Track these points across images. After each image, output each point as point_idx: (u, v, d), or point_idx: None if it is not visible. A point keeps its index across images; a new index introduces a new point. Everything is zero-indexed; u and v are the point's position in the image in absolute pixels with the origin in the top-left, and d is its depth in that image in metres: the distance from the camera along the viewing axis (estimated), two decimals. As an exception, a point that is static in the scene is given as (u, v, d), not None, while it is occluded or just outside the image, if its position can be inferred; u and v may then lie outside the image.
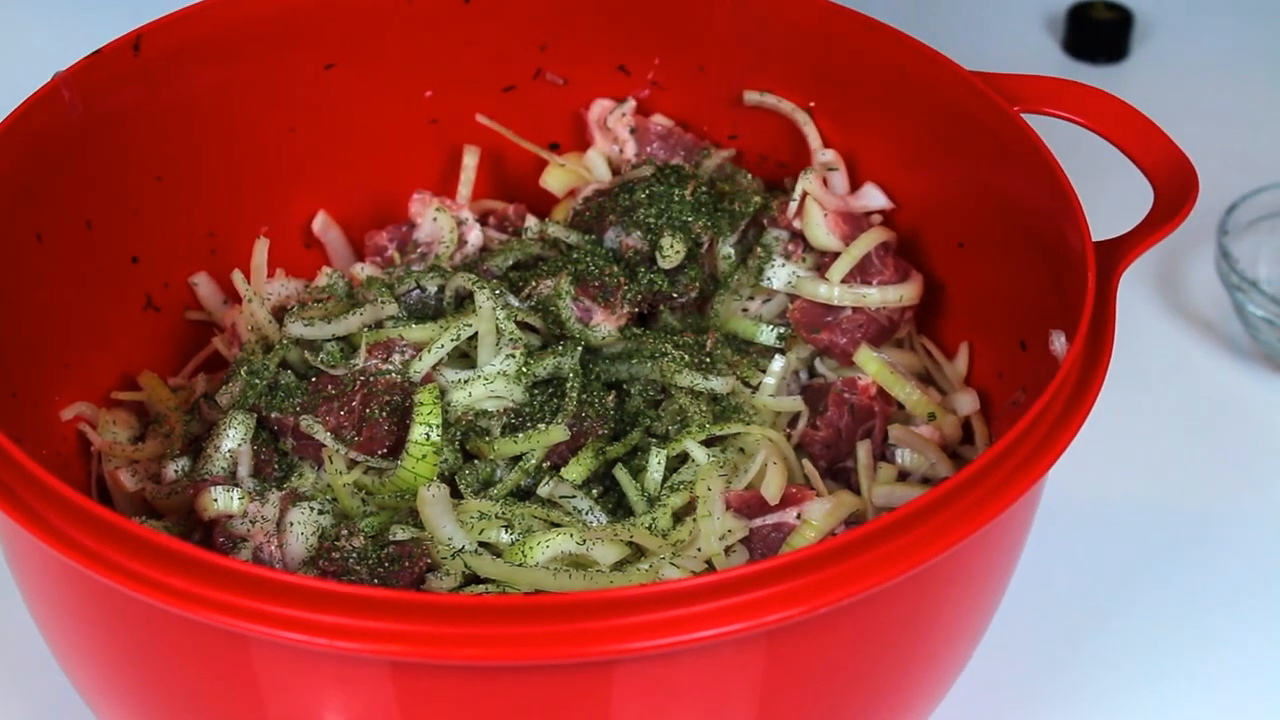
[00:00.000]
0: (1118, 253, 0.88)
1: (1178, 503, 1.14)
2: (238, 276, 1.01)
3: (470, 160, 1.10)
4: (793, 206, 1.03)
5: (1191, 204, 0.90)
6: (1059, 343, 0.87)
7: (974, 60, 1.00)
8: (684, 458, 0.95)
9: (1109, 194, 1.06)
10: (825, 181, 1.04)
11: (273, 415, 0.93)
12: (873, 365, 0.99)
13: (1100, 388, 0.82)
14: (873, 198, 1.05)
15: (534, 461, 0.92)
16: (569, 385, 0.94)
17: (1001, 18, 1.56)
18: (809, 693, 0.80)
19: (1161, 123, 0.96)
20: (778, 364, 1.00)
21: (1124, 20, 1.52)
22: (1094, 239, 0.88)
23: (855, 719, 0.85)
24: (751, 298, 1.03)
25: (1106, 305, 0.85)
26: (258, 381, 0.94)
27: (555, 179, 1.10)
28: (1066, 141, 0.97)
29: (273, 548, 0.88)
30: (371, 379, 0.93)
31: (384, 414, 0.92)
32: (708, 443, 0.95)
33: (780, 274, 1.02)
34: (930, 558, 0.75)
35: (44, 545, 0.75)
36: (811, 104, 1.06)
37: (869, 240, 1.02)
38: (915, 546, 0.75)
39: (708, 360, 0.98)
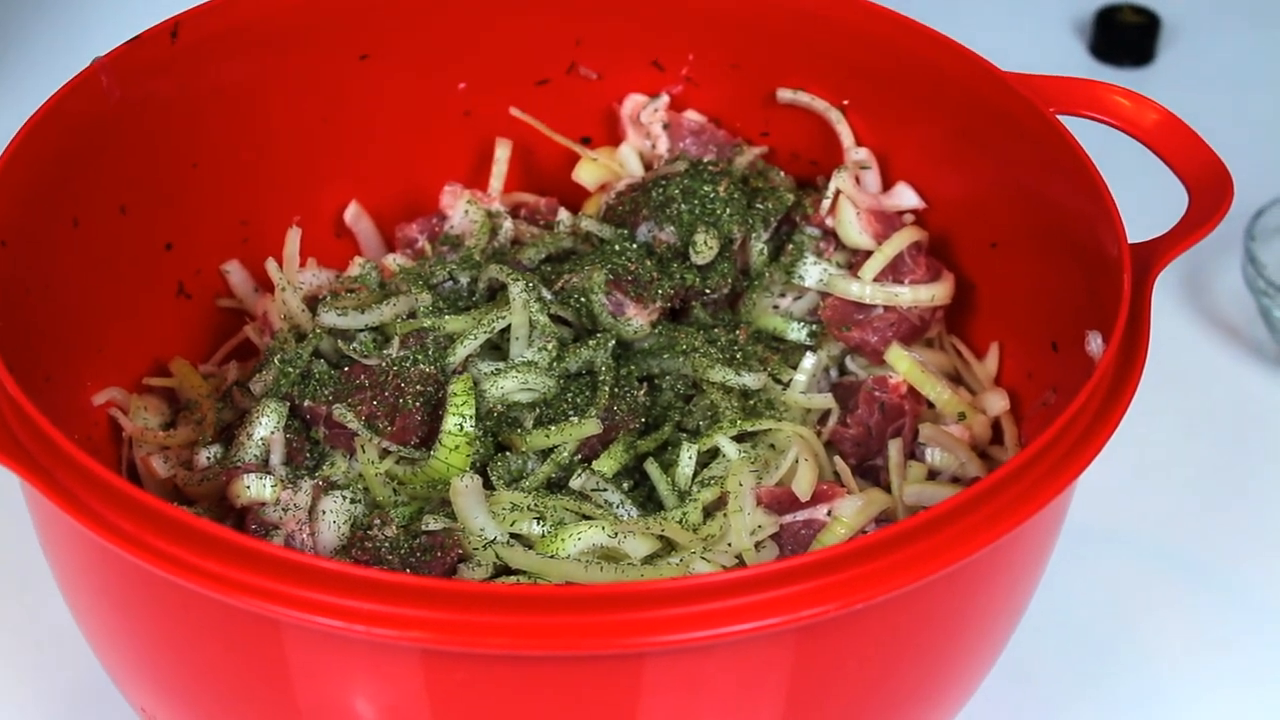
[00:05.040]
0: (1152, 256, 0.88)
1: (1200, 507, 1.14)
2: (271, 265, 1.01)
3: (502, 153, 1.10)
4: (825, 204, 1.04)
5: (1226, 208, 0.90)
6: (1095, 343, 0.87)
7: (1001, 62, 1.00)
8: (715, 453, 0.95)
9: (1134, 195, 1.06)
10: (858, 180, 1.05)
11: (305, 404, 0.94)
12: (904, 364, 0.99)
13: (1134, 392, 0.82)
14: (905, 197, 1.05)
15: (566, 454, 0.93)
16: (601, 379, 0.95)
17: (1029, 20, 1.56)
18: (837, 689, 0.81)
19: (1185, 122, 0.96)
20: (809, 361, 1.01)
21: (1151, 24, 1.52)
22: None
23: (881, 716, 0.85)
24: (783, 294, 1.03)
25: (1141, 309, 0.85)
26: (291, 370, 0.95)
27: (588, 173, 1.10)
28: (1090, 142, 0.97)
29: (305, 536, 0.89)
30: (404, 369, 0.93)
31: (417, 404, 0.92)
32: (739, 438, 0.95)
33: (812, 271, 1.02)
34: (962, 558, 0.75)
35: (81, 527, 0.75)
36: (845, 102, 1.06)
37: (901, 239, 1.02)
38: (948, 546, 0.75)
39: (739, 356, 0.98)
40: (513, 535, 0.89)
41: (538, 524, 0.89)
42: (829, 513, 0.91)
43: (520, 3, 1.07)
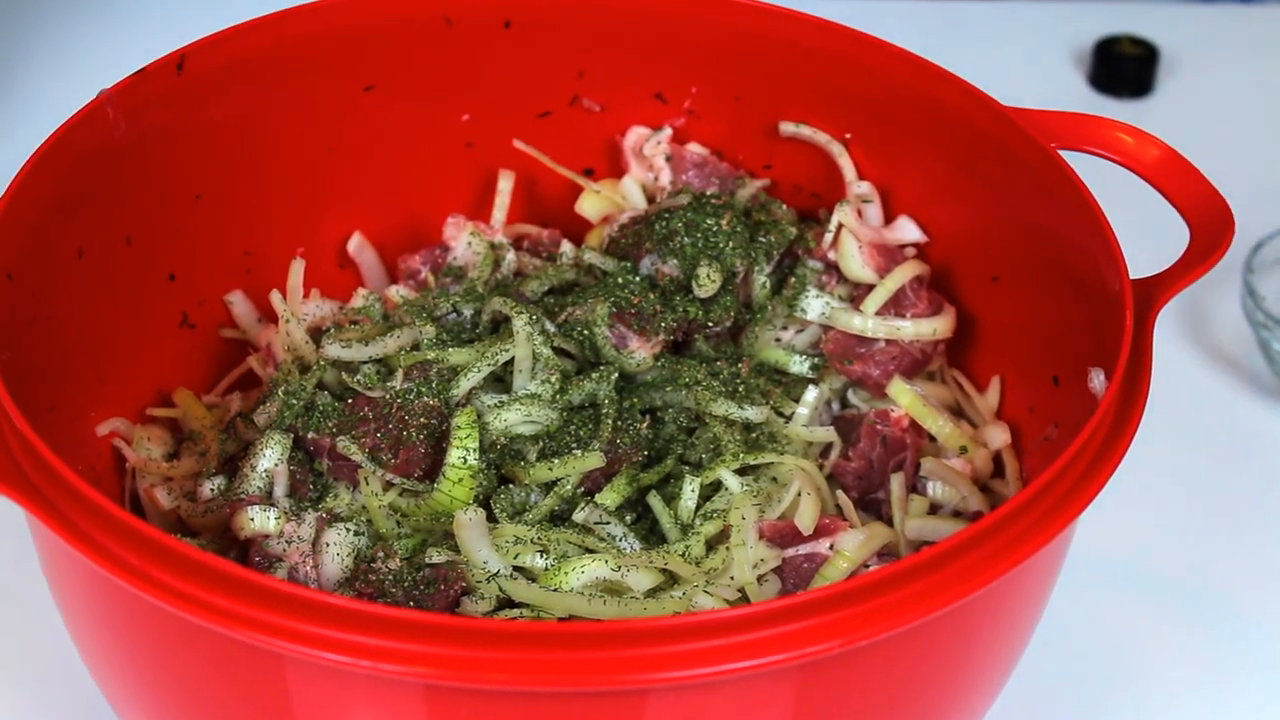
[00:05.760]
0: (1154, 292, 0.89)
1: (1199, 538, 1.14)
2: (275, 297, 1.01)
3: (505, 184, 1.10)
4: (828, 238, 1.04)
5: (1227, 246, 0.90)
6: (1098, 381, 0.87)
7: (1001, 93, 1.00)
8: (717, 486, 0.95)
9: (1136, 230, 1.07)
10: (860, 213, 1.05)
11: (309, 436, 0.94)
12: (905, 397, 1.00)
13: (1137, 428, 0.82)
14: (907, 230, 1.05)
15: (569, 487, 0.93)
16: (604, 412, 0.95)
17: (1028, 52, 1.57)
18: (839, 725, 0.81)
19: (1186, 158, 0.96)
20: (811, 394, 1.01)
21: (1150, 56, 1.53)
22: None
23: (883, 751, 0.85)
24: (785, 327, 1.04)
25: (1144, 345, 0.85)
26: (295, 402, 0.95)
27: (590, 205, 1.10)
28: (1091, 177, 0.98)
29: (308, 568, 0.89)
30: (408, 401, 0.94)
31: (420, 436, 0.92)
32: (741, 471, 0.95)
33: (814, 305, 1.03)
34: (965, 595, 0.76)
35: (85, 559, 0.75)
36: (847, 135, 1.07)
37: (904, 273, 1.02)
38: (950, 584, 0.76)
39: (742, 389, 0.98)
40: (516, 568, 0.89)
41: (541, 557, 0.89)
42: (831, 546, 0.91)
43: (523, 35, 1.08)
